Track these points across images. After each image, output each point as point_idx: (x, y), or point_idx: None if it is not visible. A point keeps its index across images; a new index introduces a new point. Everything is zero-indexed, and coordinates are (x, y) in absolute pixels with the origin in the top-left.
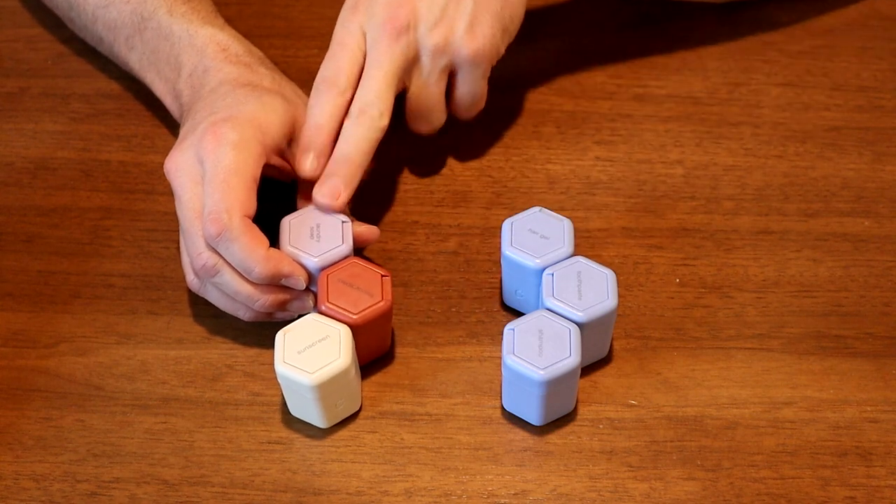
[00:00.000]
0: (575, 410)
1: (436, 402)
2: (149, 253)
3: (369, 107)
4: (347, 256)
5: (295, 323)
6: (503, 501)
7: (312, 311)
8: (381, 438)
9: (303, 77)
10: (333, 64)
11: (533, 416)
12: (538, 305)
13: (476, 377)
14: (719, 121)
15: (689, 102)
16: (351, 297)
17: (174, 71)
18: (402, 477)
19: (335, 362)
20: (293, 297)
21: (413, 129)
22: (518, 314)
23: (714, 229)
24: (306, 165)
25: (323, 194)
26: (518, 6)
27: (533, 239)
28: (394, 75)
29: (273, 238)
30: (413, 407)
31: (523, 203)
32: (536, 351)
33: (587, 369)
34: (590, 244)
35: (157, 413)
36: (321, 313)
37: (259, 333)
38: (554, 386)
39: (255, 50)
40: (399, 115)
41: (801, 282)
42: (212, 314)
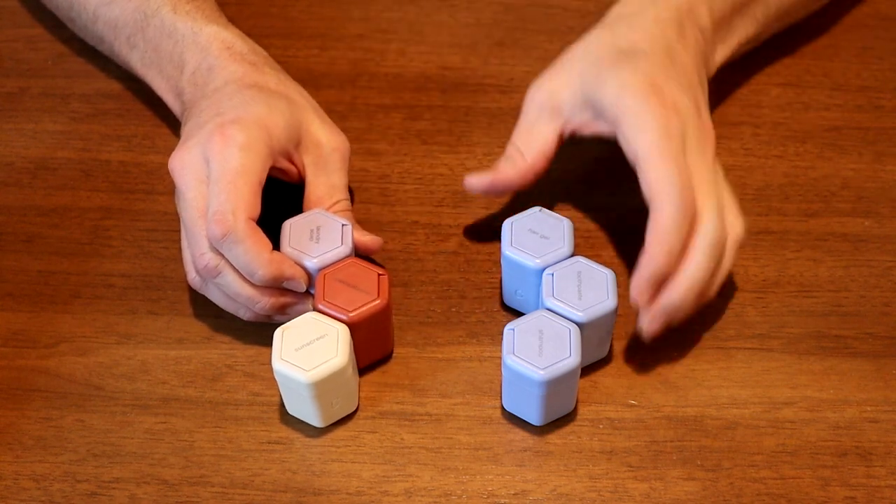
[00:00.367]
0: (575, 410)
1: (436, 402)
2: (149, 253)
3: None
4: (347, 257)
5: (293, 320)
6: (503, 501)
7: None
8: (381, 438)
9: (303, 77)
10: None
11: (533, 417)
12: (538, 305)
13: (476, 377)
14: (719, 121)
15: None
16: (347, 296)
17: (177, 69)
18: (402, 477)
19: (332, 360)
20: (294, 301)
21: None
22: (518, 314)
23: None
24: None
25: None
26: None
27: (533, 239)
28: None
29: (275, 241)
30: (413, 407)
31: (523, 203)
32: (536, 351)
33: (587, 369)
34: (590, 244)
35: (157, 413)
36: (318, 311)
37: (259, 334)
38: (554, 386)
39: (260, 49)
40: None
41: (801, 282)
42: (212, 314)
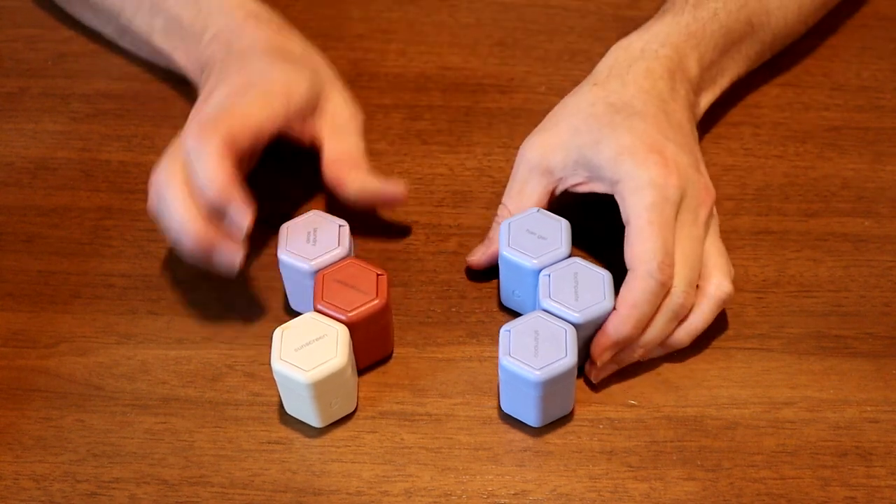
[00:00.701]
0: (575, 410)
1: (436, 402)
2: (149, 253)
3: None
4: (344, 258)
5: (293, 321)
6: (503, 501)
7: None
8: (381, 438)
9: None
10: None
11: (531, 418)
12: (535, 306)
13: (476, 377)
14: (719, 121)
15: None
16: (346, 296)
17: (197, 36)
18: (402, 477)
19: (331, 361)
20: (224, 245)
21: None
22: (516, 315)
23: None
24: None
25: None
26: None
27: (530, 239)
28: None
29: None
30: (413, 407)
31: None
32: (532, 352)
33: None
34: (587, 245)
35: (157, 413)
36: (317, 311)
37: (259, 334)
38: (550, 386)
39: (284, 20)
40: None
41: (801, 282)
42: (212, 314)
